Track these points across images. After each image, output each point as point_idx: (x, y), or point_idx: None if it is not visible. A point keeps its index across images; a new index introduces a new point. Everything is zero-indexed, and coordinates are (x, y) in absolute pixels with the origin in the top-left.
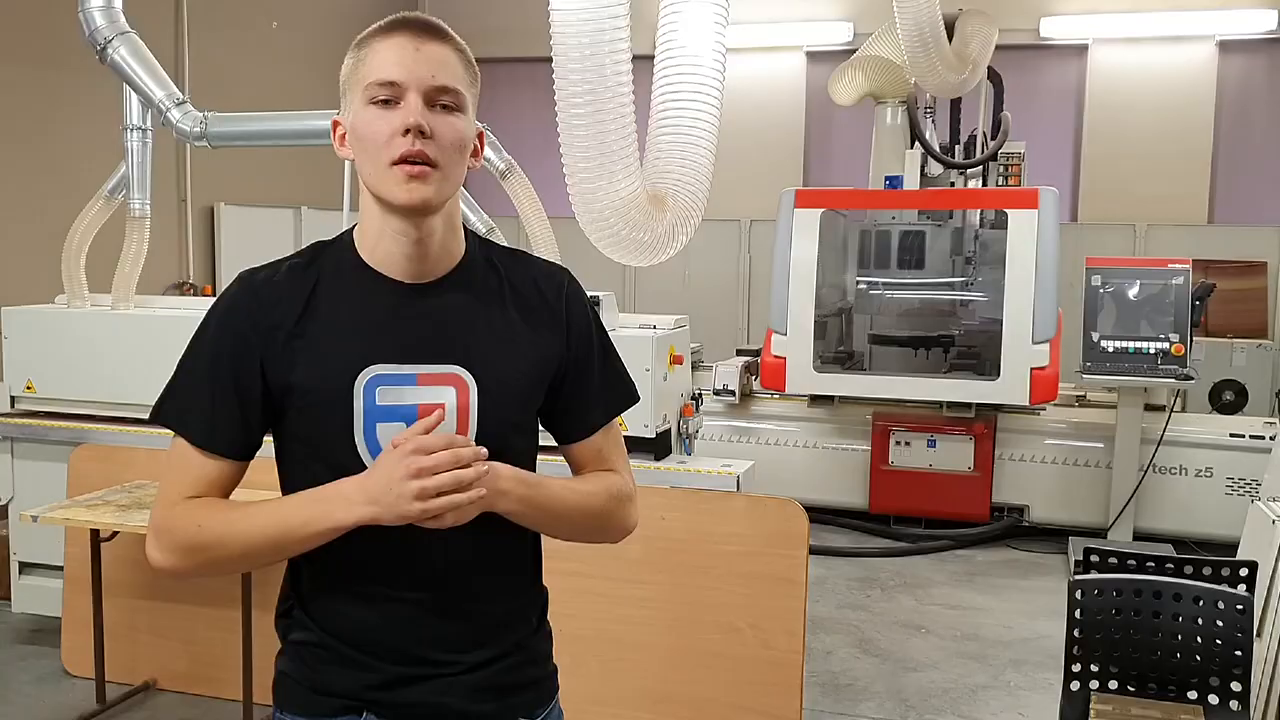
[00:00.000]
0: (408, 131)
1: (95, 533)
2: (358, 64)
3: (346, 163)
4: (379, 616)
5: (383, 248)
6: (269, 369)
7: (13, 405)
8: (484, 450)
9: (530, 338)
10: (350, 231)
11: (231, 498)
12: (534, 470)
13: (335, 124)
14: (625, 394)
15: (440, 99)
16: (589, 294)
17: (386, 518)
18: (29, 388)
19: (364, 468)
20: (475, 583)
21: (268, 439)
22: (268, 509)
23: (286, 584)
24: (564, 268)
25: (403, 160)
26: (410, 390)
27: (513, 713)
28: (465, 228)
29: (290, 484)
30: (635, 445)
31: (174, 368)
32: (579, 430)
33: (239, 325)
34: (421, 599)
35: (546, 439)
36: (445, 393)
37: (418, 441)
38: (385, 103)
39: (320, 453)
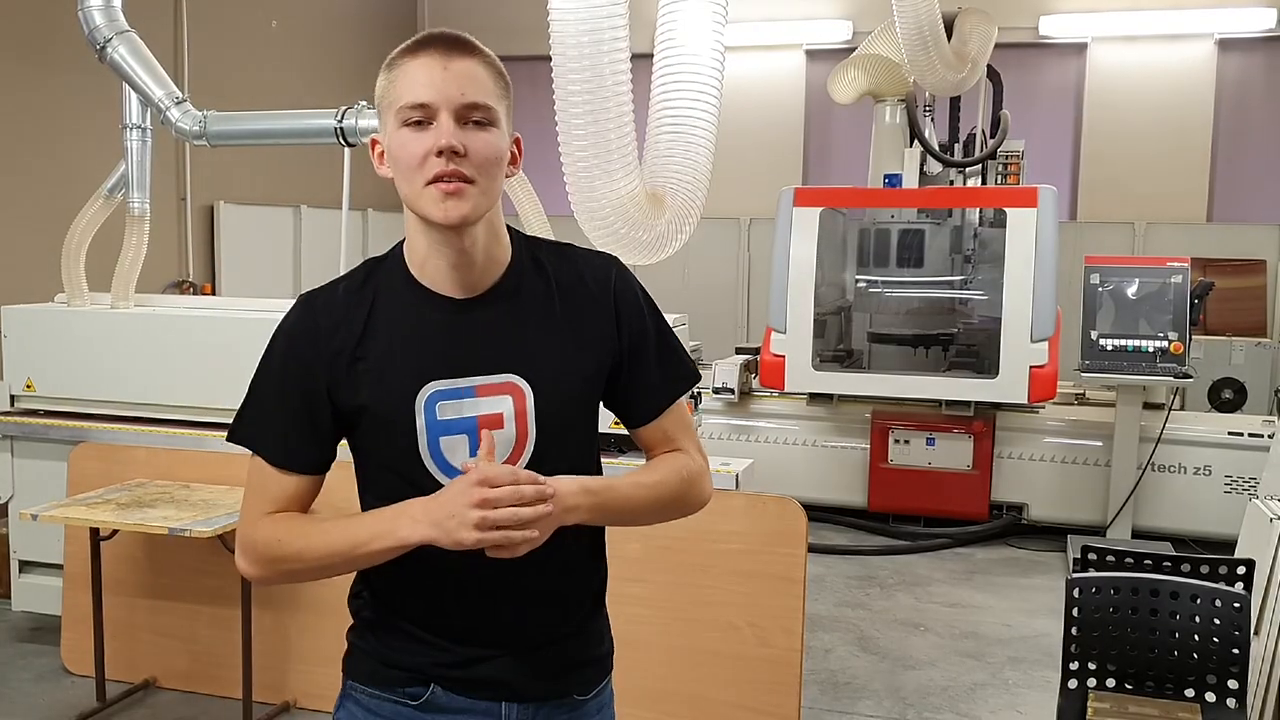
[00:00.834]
0: (441, 153)
1: (95, 531)
2: (390, 85)
3: (345, 161)
4: (445, 601)
5: (431, 264)
6: (335, 393)
7: (12, 404)
8: (548, 489)
9: (582, 336)
10: (400, 247)
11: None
12: (596, 457)
13: (374, 142)
14: (685, 375)
15: (472, 115)
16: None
17: (444, 541)
18: (29, 386)
19: (433, 479)
20: (539, 568)
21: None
22: (340, 525)
23: (359, 574)
24: (611, 257)
25: (437, 180)
26: (469, 403)
27: (570, 689)
28: (511, 230)
29: (367, 492)
30: (635, 444)
31: (244, 389)
32: (643, 415)
33: (303, 352)
34: (486, 584)
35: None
36: (503, 402)
37: (483, 472)
38: (418, 124)
39: (390, 466)
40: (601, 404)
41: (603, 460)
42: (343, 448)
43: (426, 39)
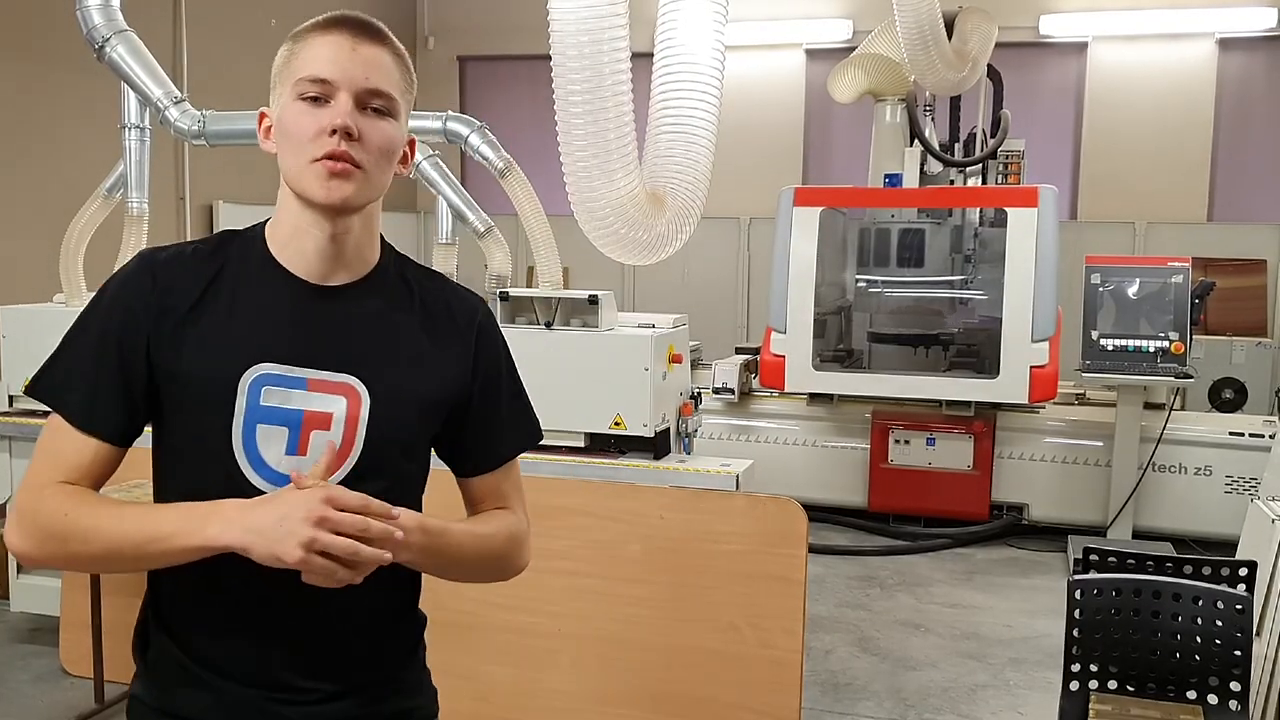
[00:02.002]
0: (334, 132)
1: None
2: (291, 56)
3: None
4: (238, 636)
5: (294, 244)
6: (155, 352)
7: (10, 404)
8: (397, 533)
9: (434, 359)
10: (261, 225)
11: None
12: (419, 496)
13: (262, 115)
14: (531, 431)
15: (372, 102)
16: (587, 293)
17: (259, 552)
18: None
19: (238, 471)
20: (345, 606)
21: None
22: (139, 512)
23: (146, 598)
24: (481, 298)
25: (325, 158)
26: (298, 394)
27: None
28: (384, 241)
29: (162, 478)
30: (634, 444)
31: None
32: (482, 463)
33: (131, 303)
34: (285, 620)
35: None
36: (335, 402)
37: (334, 494)
38: (315, 100)
39: (195, 447)
40: (434, 450)
41: (603, 459)
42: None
43: (340, 18)
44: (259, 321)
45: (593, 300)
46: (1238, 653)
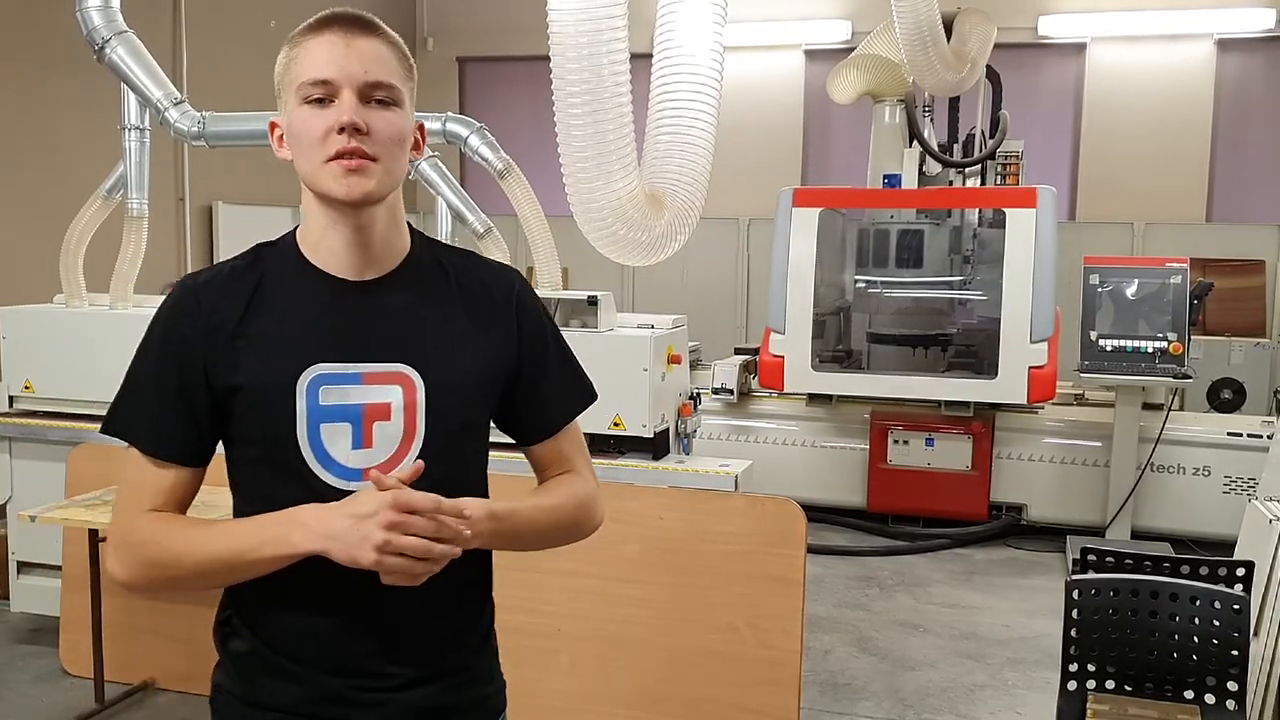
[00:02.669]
0: (343, 130)
1: (94, 532)
2: (289, 63)
3: None
4: (318, 626)
5: (325, 245)
6: (212, 372)
7: (11, 405)
8: (468, 533)
9: (479, 338)
10: (293, 232)
11: (195, 503)
12: (484, 473)
13: (273, 125)
14: (583, 393)
15: (375, 94)
16: (586, 294)
17: (338, 556)
18: (27, 387)
19: (310, 471)
20: (421, 596)
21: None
22: (223, 529)
23: (225, 592)
24: (514, 269)
25: (339, 157)
26: (355, 389)
27: None
28: (412, 227)
29: (239, 489)
30: (633, 445)
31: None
32: (538, 432)
33: (181, 329)
34: (363, 610)
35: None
36: (392, 391)
37: (407, 497)
38: (319, 101)
39: (266, 455)
40: (493, 423)
41: (602, 459)
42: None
43: (330, 18)
44: (305, 325)
45: (592, 301)
46: (1235, 653)
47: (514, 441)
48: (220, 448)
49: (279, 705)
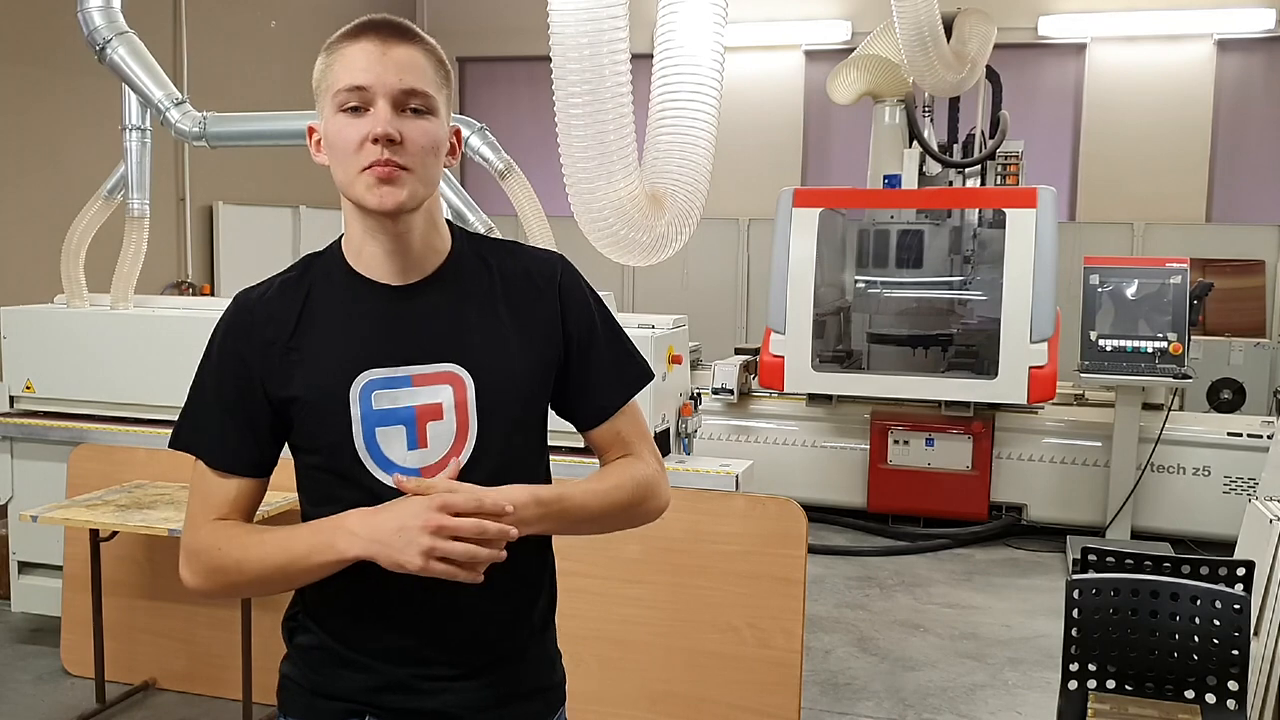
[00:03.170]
0: (376, 140)
1: (95, 532)
2: (327, 69)
3: None
4: (380, 617)
5: (367, 251)
6: (269, 385)
7: (12, 405)
8: (512, 530)
9: (526, 331)
10: (339, 241)
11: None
12: (544, 463)
13: (311, 130)
14: (637, 374)
15: (410, 103)
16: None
17: (383, 560)
18: (28, 388)
19: (369, 474)
20: (484, 584)
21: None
22: (277, 538)
23: (295, 591)
24: (558, 255)
25: (372, 166)
26: (406, 392)
27: None
28: (451, 223)
29: (305, 495)
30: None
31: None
32: (594, 416)
33: (237, 346)
34: (424, 599)
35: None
36: (442, 391)
37: (448, 500)
38: (355, 109)
39: (326, 461)
40: (552, 410)
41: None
42: None
43: (367, 24)
44: (354, 332)
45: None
46: (1235, 652)
47: (574, 431)
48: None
49: (344, 694)
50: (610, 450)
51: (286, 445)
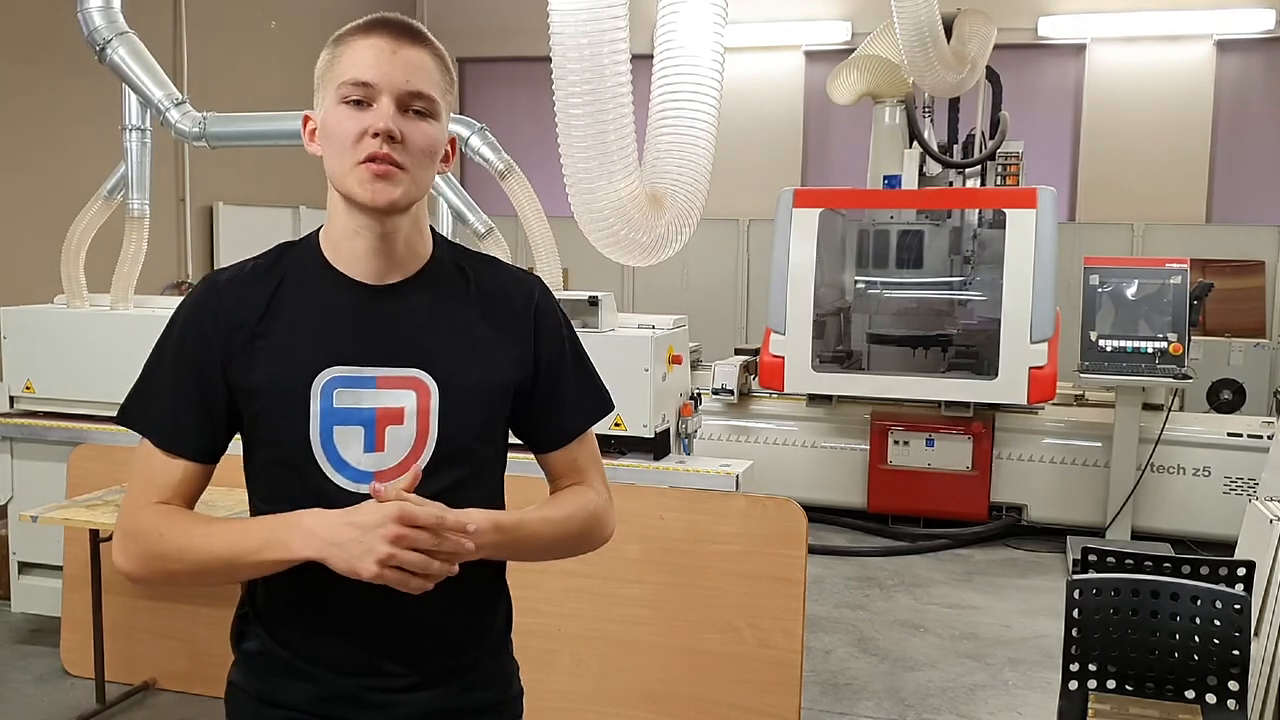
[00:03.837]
0: (376, 135)
1: (94, 533)
2: (333, 60)
3: None
4: (328, 627)
5: (346, 247)
6: (230, 369)
7: (12, 405)
8: (469, 545)
9: (496, 344)
10: (316, 232)
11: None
12: (500, 480)
13: (306, 119)
14: (601, 403)
15: (413, 104)
16: (587, 295)
17: (337, 565)
18: (28, 388)
19: (322, 474)
20: (433, 597)
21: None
22: (227, 528)
23: (244, 590)
24: (536, 277)
25: (369, 161)
26: (369, 393)
27: None
28: (434, 231)
29: (254, 488)
30: (634, 445)
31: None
32: (553, 440)
33: (202, 326)
34: (377, 612)
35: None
36: (406, 396)
37: (410, 511)
38: (357, 103)
39: (280, 456)
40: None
41: (605, 459)
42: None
43: (379, 21)
44: (323, 327)
45: (593, 301)
46: (1236, 652)
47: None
48: (235, 448)
49: (291, 703)
50: (564, 477)
51: (240, 438)
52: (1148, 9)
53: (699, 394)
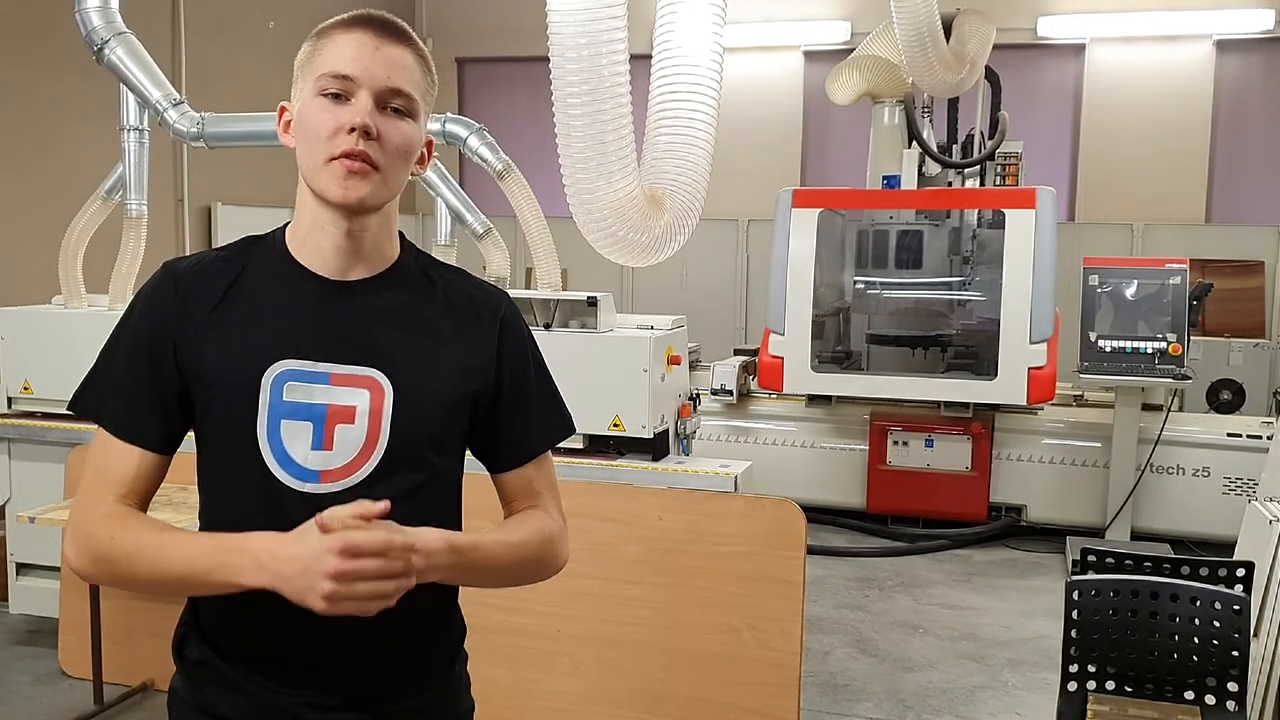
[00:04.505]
0: (353, 130)
1: None
2: (314, 52)
3: None
4: (269, 640)
5: (312, 241)
6: (181, 355)
7: (10, 406)
8: (419, 560)
9: (458, 352)
10: (283, 228)
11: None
12: (456, 492)
13: (282, 109)
14: (562, 423)
15: (392, 102)
16: (586, 295)
17: (289, 597)
18: (26, 388)
19: (265, 468)
20: (381, 615)
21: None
22: (180, 545)
23: (187, 603)
24: (504, 292)
25: (343, 156)
26: (321, 389)
27: None
28: (404, 238)
29: (201, 478)
30: (633, 446)
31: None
32: (512, 458)
33: (158, 312)
34: (317, 628)
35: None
36: (359, 395)
37: (352, 541)
38: (336, 96)
39: (225, 446)
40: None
41: (601, 460)
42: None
43: (365, 17)
44: (279, 319)
45: (591, 302)
46: (1235, 653)
47: (485, 468)
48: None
49: (226, 715)
50: (518, 499)
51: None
52: (1147, 9)
53: (698, 394)
